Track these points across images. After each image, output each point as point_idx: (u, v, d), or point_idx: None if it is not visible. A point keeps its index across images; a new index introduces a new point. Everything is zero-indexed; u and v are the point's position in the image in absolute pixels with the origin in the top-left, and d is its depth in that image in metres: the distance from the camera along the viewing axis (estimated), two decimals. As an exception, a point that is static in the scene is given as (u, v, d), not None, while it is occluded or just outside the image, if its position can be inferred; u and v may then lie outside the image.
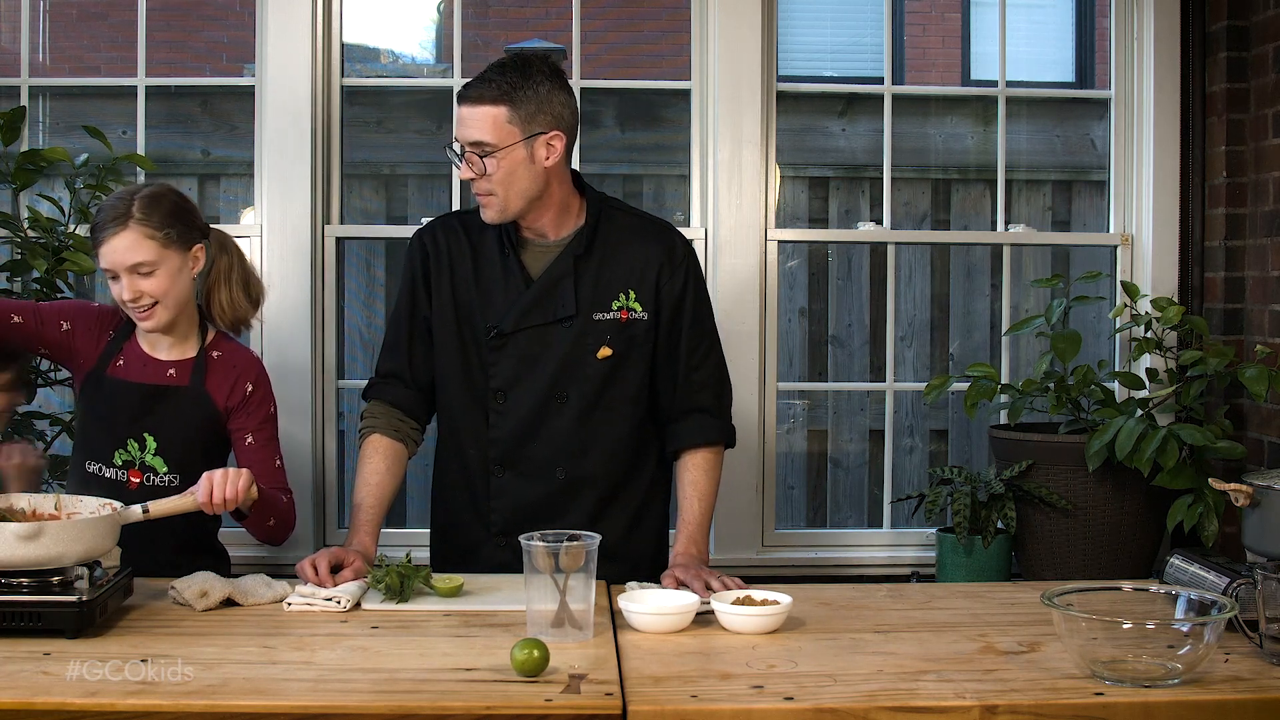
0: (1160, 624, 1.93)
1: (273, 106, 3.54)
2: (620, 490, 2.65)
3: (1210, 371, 3.41)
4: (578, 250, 2.58)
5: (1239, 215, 3.63)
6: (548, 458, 2.59)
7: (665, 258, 2.62)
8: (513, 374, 2.58)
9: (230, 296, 2.62)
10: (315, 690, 1.81)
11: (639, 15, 5.87)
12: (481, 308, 2.60)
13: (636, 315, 2.60)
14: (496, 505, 2.61)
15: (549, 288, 2.57)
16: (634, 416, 2.64)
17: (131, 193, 2.53)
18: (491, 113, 2.46)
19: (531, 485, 2.60)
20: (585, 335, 2.57)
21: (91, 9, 5.51)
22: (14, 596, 2.04)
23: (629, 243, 2.62)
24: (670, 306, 2.62)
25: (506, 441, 2.60)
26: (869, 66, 5.44)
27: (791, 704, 1.77)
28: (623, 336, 2.59)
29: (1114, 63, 3.81)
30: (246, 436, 2.56)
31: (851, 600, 2.41)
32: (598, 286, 2.59)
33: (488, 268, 2.61)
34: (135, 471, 2.53)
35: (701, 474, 2.63)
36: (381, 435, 2.61)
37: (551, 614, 2.07)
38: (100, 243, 2.49)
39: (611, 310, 2.59)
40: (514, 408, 2.59)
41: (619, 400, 2.61)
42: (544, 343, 2.57)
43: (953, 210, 5.15)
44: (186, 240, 2.53)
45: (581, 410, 2.59)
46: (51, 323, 2.56)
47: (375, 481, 2.58)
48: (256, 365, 2.64)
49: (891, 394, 3.85)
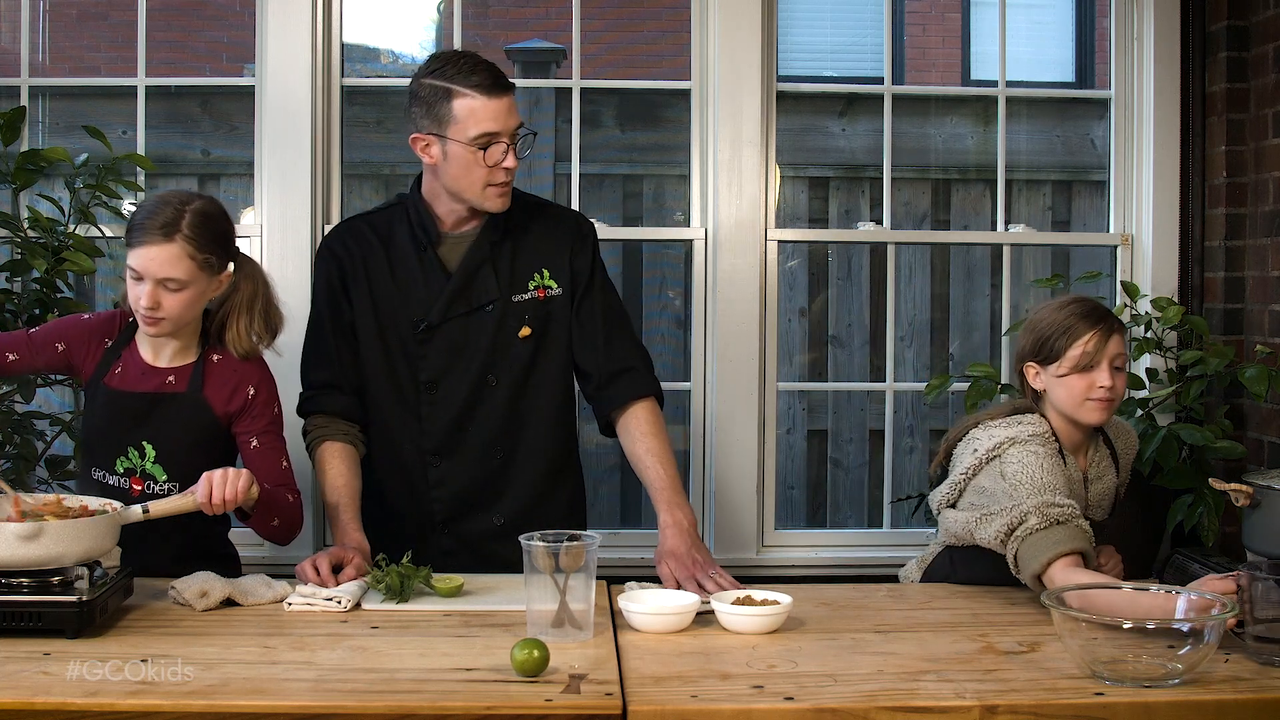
0: (1160, 624, 1.93)
1: (273, 106, 3.54)
2: (559, 463, 2.74)
3: (1210, 371, 3.41)
4: (493, 236, 2.66)
5: (1239, 215, 3.63)
6: (484, 441, 2.67)
7: (575, 234, 2.73)
8: (442, 365, 2.65)
9: (248, 326, 2.57)
10: (315, 690, 1.81)
11: (639, 15, 5.87)
12: (403, 304, 2.66)
13: (554, 292, 2.69)
14: (437, 494, 2.68)
15: (469, 276, 2.65)
16: (560, 393, 2.72)
17: (184, 202, 2.45)
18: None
19: (470, 470, 2.67)
20: (507, 317, 2.66)
21: (91, 9, 5.50)
22: (14, 596, 2.04)
23: (537, 224, 2.72)
24: (584, 281, 2.71)
25: (441, 432, 2.66)
26: (869, 66, 5.42)
27: (791, 704, 1.78)
28: (541, 313, 2.68)
29: (1114, 63, 3.81)
30: (252, 440, 2.55)
31: (851, 600, 2.41)
32: (514, 269, 2.67)
33: (403, 265, 2.67)
34: (136, 479, 2.52)
35: (651, 437, 2.64)
36: (333, 440, 2.65)
37: (551, 614, 2.07)
38: (139, 244, 2.42)
39: (529, 290, 2.68)
40: (445, 397, 2.66)
41: (545, 378, 2.69)
42: (470, 330, 2.65)
43: (953, 210, 5.15)
44: (220, 267, 2.52)
45: (511, 391, 2.67)
46: (46, 348, 2.55)
47: (342, 482, 2.61)
48: (259, 369, 2.61)
49: (891, 394, 3.85)
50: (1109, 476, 2.64)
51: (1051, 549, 2.27)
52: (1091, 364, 2.50)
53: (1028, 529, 2.31)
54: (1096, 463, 2.62)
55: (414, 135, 2.60)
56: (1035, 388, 2.60)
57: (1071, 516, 2.32)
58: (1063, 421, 2.56)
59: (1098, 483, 2.62)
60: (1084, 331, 2.51)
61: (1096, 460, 2.62)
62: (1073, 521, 2.31)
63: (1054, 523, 2.31)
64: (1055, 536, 2.29)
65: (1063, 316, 2.55)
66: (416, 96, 2.59)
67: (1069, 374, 2.52)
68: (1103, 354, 2.51)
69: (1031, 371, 2.60)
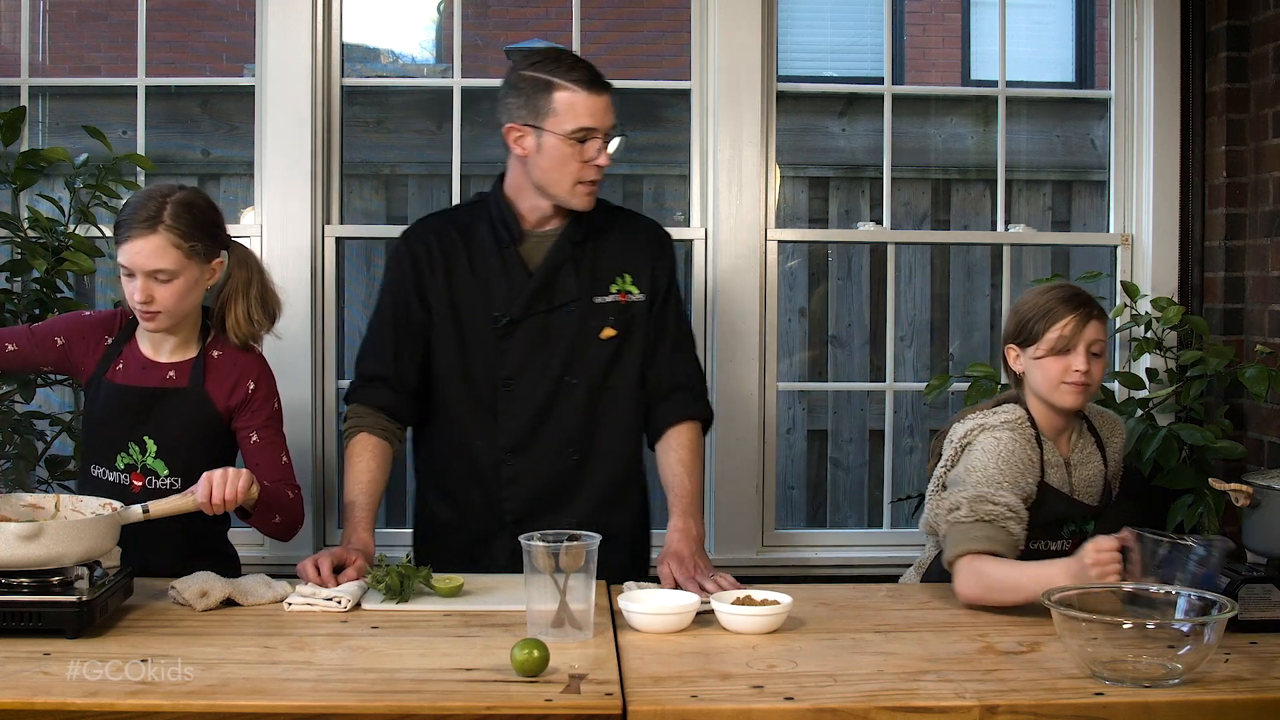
0: (1160, 624, 1.93)
1: (273, 106, 3.54)
2: (631, 467, 2.73)
3: (1210, 371, 3.41)
4: (575, 236, 2.66)
5: (1239, 215, 3.63)
6: (560, 440, 2.66)
7: (657, 244, 2.74)
8: (522, 361, 2.64)
9: (247, 311, 2.58)
10: (315, 690, 1.81)
11: (639, 15, 5.87)
12: (482, 301, 2.65)
13: (635, 297, 2.69)
14: (509, 493, 2.66)
15: (551, 274, 2.64)
16: (635, 395, 2.71)
17: (165, 195, 2.48)
18: None
19: (545, 468, 2.66)
20: (588, 318, 2.65)
21: (91, 9, 5.50)
22: (14, 596, 2.04)
23: (620, 229, 2.73)
24: (662, 291, 2.71)
25: (517, 429, 2.65)
26: (869, 66, 5.43)
27: (791, 704, 1.78)
28: (624, 317, 2.67)
29: (1114, 63, 3.80)
30: (252, 435, 2.56)
31: (851, 600, 2.41)
32: (596, 271, 2.67)
33: (483, 262, 2.66)
34: (137, 475, 2.52)
35: (687, 451, 2.67)
36: (369, 434, 2.64)
37: (551, 614, 2.07)
38: (125, 240, 2.45)
39: (610, 293, 2.67)
40: (523, 394, 2.64)
41: (622, 381, 2.69)
42: (550, 328, 2.64)
43: (953, 210, 5.15)
44: (209, 254, 2.52)
45: (589, 392, 2.66)
46: (46, 342, 2.56)
47: (367, 479, 2.60)
48: (259, 363, 2.62)
49: (891, 394, 3.85)
50: (1094, 463, 2.66)
51: (966, 544, 2.36)
52: (1068, 347, 2.53)
53: (956, 518, 2.40)
54: (1080, 448, 2.64)
55: (508, 125, 2.59)
56: (1015, 370, 2.64)
57: (1000, 517, 2.38)
58: (1042, 407, 2.59)
59: (1082, 468, 2.63)
60: (1063, 315, 2.54)
61: (1080, 446, 2.64)
62: (999, 522, 2.38)
63: (980, 519, 2.38)
64: (975, 533, 2.37)
65: (1044, 300, 2.59)
66: (514, 87, 2.59)
67: (1045, 356, 2.55)
68: (1079, 338, 2.53)
69: (1013, 354, 2.64)
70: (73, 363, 2.58)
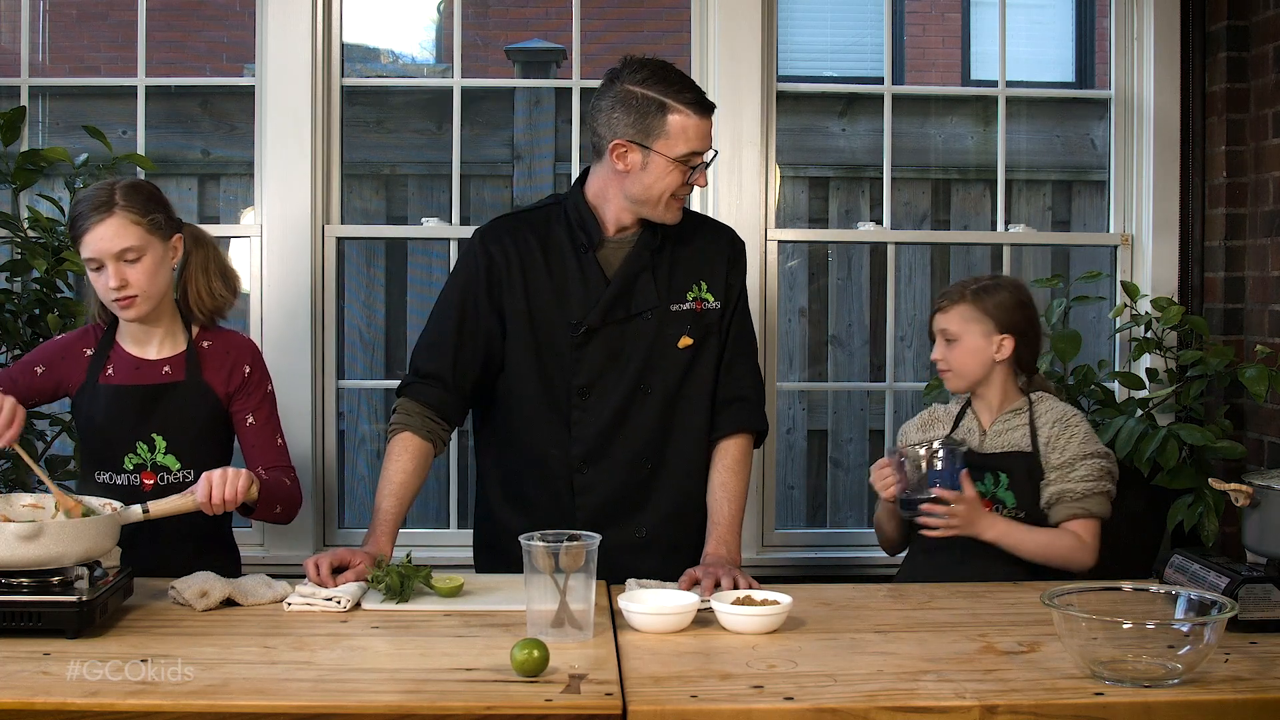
0: (1160, 624, 1.93)
1: (273, 106, 3.54)
2: (702, 478, 2.68)
3: (1210, 371, 3.41)
4: (652, 244, 2.63)
5: (1239, 215, 3.63)
6: (634, 450, 2.63)
7: (731, 251, 2.73)
8: (598, 369, 2.61)
9: (209, 286, 2.61)
10: (315, 690, 1.81)
11: (639, 15, 5.87)
12: (559, 307, 2.61)
13: (710, 305, 2.67)
14: (582, 502, 2.63)
15: (629, 282, 2.61)
16: (708, 404, 2.69)
17: (110, 183, 2.53)
18: None
19: (618, 478, 2.63)
20: (665, 326, 2.63)
21: (91, 9, 5.51)
22: (14, 596, 2.04)
23: (696, 236, 2.70)
24: (734, 298, 2.71)
25: (591, 438, 2.61)
26: (869, 66, 5.42)
27: (791, 704, 1.77)
28: (700, 325, 2.66)
29: (1114, 63, 3.80)
30: (248, 417, 2.58)
31: (851, 600, 2.41)
32: (672, 278, 2.65)
33: (560, 266, 2.62)
34: (148, 474, 2.53)
35: (731, 475, 2.66)
36: (413, 434, 2.59)
37: (551, 614, 2.07)
38: (84, 232, 2.47)
39: (687, 301, 2.66)
40: (599, 403, 2.61)
41: (696, 390, 2.67)
42: (627, 336, 2.62)
43: (953, 210, 5.15)
44: (167, 229, 2.54)
45: (665, 400, 2.64)
46: (25, 376, 2.56)
47: (400, 481, 2.56)
48: (250, 347, 2.66)
49: (891, 394, 3.85)
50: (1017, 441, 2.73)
51: None
52: (933, 338, 2.86)
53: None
54: (1003, 421, 2.77)
55: (614, 141, 2.53)
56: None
57: None
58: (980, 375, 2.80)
59: (994, 439, 2.76)
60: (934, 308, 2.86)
61: (1006, 419, 2.77)
62: None
63: None
64: None
65: None
66: (623, 103, 2.52)
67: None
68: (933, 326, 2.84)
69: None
70: (59, 382, 2.58)
